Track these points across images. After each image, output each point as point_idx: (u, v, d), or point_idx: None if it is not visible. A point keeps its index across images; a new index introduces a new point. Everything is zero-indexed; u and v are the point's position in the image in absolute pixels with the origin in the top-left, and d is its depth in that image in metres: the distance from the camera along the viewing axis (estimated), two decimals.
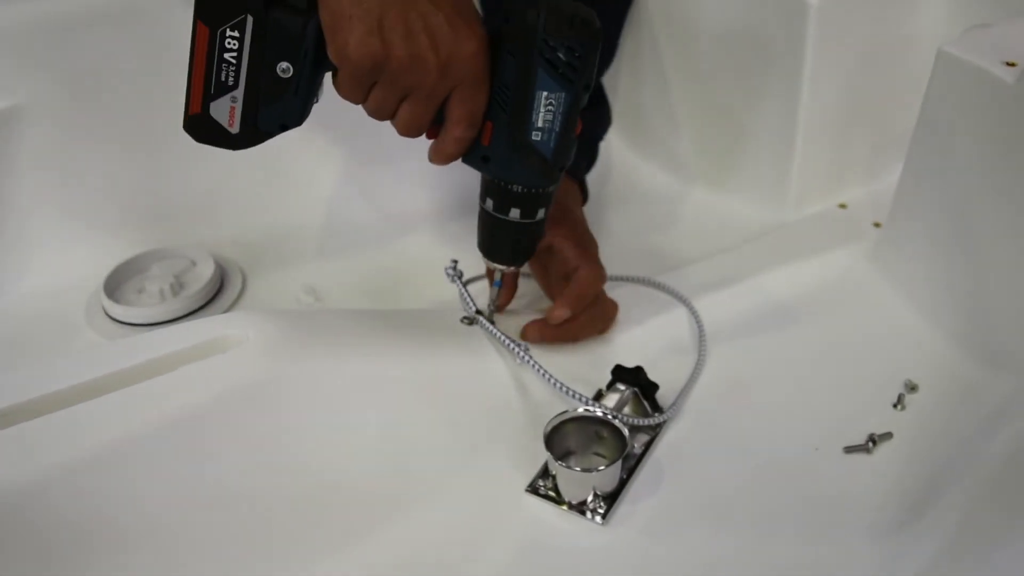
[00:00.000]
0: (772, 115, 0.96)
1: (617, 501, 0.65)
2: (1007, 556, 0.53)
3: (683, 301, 0.82)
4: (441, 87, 0.61)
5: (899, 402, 0.73)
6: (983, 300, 0.76)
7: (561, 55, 0.61)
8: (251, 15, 0.57)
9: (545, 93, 0.62)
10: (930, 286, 0.80)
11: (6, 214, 0.92)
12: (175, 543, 0.59)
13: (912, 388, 0.74)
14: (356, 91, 0.61)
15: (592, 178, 0.96)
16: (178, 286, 0.89)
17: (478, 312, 0.75)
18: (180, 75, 0.61)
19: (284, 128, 0.62)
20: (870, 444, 0.69)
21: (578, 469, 0.65)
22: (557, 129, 0.64)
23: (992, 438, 0.66)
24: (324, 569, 0.61)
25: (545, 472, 0.68)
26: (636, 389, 0.72)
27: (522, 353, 0.72)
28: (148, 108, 0.95)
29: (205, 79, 0.60)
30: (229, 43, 0.58)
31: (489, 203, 0.69)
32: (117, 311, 0.86)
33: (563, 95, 0.62)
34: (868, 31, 0.92)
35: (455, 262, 0.78)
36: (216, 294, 0.90)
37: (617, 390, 0.73)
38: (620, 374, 0.73)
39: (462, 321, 0.76)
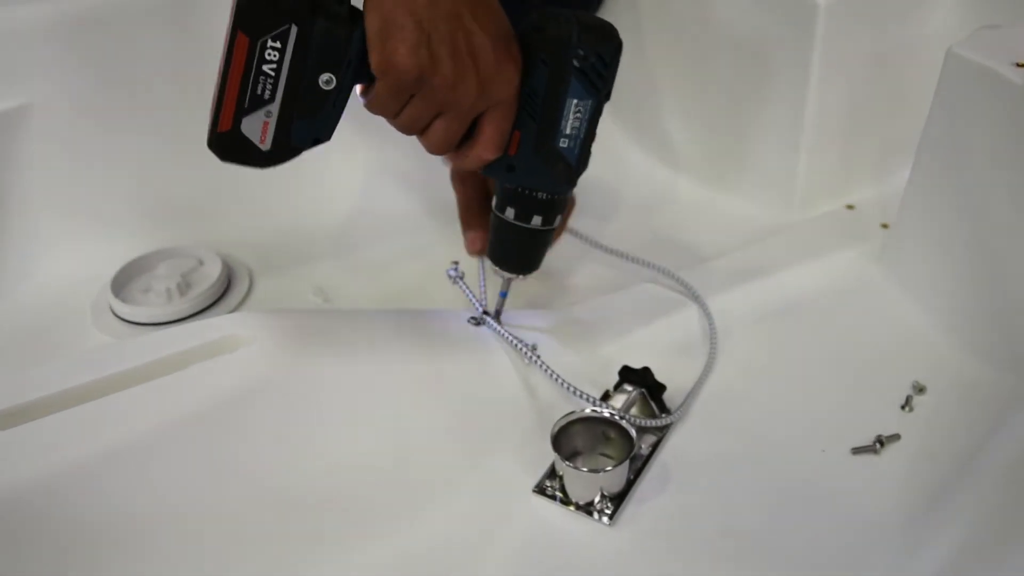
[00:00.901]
0: (779, 115, 0.96)
1: (624, 502, 0.65)
2: (1018, 559, 0.52)
3: (697, 300, 0.82)
4: (478, 106, 0.62)
5: (907, 403, 0.73)
6: (992, 302, 0.75)
7: (591, 63, 0.63)
8: (296, 25, 0.55)
9: (575, 100, 0.64)
10: (938, 287, 0.80)
11: (14, 212, 0.92)
12: (179, 543, 0.59)
13: (920, 390, 0.74)
14: (393, 103, 0.60)
15: (596, 179, 0.95)
16: (185, 286, 0.89)
17: (485, 312, 0.75)
18: (188, 75, 0.60)
19: (316, 142, 0.61)
20: (878, 445, 0.69)
21: (585, 470, 0.65)
22: (582, 136, 0.66)
23: (1001, 440, 0.66)
24: (330, 569, 0.61)
25: (552, 473, 0.68)
26: (643, 390, 0.72)
27: (529, 353, 0.72)
28: (156, 108, 0.95)
29: (240, 93, 0.57)
30: (270, 54, 0.56)
31: (510, 212, 0.70)
32: (124, 310, 0.86)
33: (590, 102, 0.64)
34: (876, 31, 0.92)
35: (456, 263, 0.78)
36: (223, 294, 0.90)
37: (624, 391, 0.73)
38: (627, 375, 0.73)
39: (469, 321, 0.76)
